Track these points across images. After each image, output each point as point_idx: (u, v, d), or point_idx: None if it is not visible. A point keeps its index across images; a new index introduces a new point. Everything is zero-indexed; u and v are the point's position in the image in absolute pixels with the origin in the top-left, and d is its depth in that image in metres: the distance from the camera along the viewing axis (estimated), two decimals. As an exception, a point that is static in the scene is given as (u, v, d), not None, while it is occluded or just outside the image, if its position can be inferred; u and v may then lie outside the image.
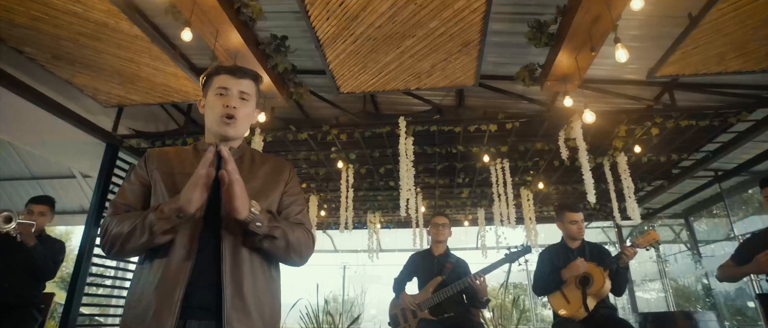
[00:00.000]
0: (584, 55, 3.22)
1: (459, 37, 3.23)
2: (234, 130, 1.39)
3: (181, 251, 1.21)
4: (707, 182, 6.55)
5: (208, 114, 1.43)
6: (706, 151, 5.47)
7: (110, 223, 1.25)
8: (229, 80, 1.41)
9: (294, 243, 1.29)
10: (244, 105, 1.41)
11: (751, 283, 6.19)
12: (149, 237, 1.18)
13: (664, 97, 4.56)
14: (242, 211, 1.18)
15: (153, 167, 1.37)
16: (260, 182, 1.39)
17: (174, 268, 1.18)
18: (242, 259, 1.24)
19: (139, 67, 3.65)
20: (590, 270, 2.90)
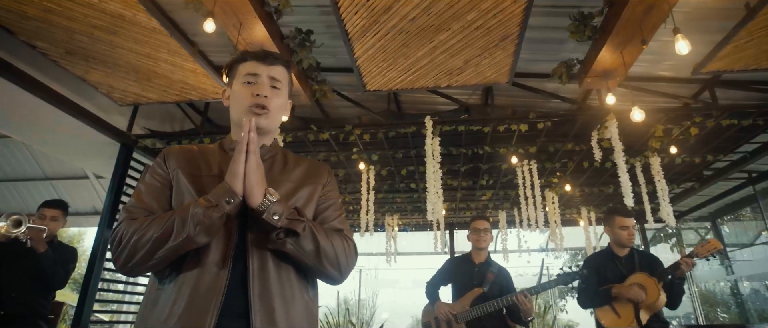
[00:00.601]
0: (631, 48, 3.00)
1: (497, 31, 3.02)
2: (266, 122, 1.19)
3: (213, 268, 1.01)
4: (740, 183, 6.28)
5: (234, 106, 1.23)
6: (743, 152, 5.21)
7: (126, 230, 1.03)
8: (259, 66, 1.22)
9: (327, 250, 1.07)
10: (275, 94, 1.22)
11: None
12: (187, 238, 0.98)
13: (703, 95, 4.33)
14: (255, 194, 1.01)
15: (174, 166, 1.17)
16: (293, 186, 1.18)
17: (204, 290, 0.98)
18: (271, 277, 1.04)
19: (157, 63, 3.48)
20: (643, 281, 2.68)
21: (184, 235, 0.98)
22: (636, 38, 2.84)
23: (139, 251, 1.01)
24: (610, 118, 4.15)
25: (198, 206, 0.99)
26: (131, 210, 1.11)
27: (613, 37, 2.87)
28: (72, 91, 4.03)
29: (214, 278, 1.00)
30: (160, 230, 1.00)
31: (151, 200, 1.13)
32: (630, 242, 2.89)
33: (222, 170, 1.15)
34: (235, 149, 1.03)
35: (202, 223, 0.98)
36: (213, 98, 4.03)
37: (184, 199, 1.11)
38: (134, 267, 1.03)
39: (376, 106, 4.97)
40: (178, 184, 1.14)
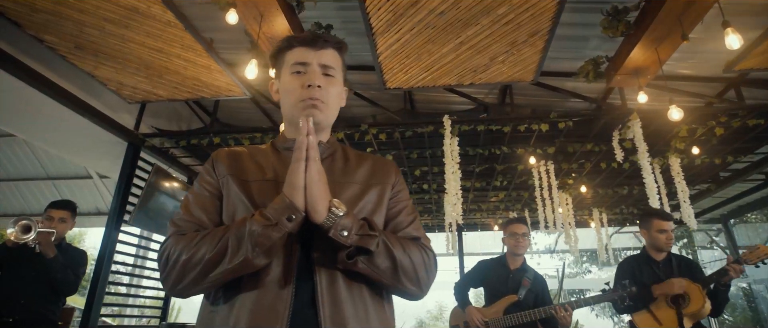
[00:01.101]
0: (667, 44, 2.88)
1: (527, 26, 2.90)
2: (322, 116, 1.04)
3: (273, 287, 0.88)
4: (757, 185, 6.18)
5: (284, 101, 1.09)
6: (764, 153, 5.11)
7: (174, 248, 0.91)
8: (307, 53, 1.06)
9: (405, 265, 0.92)
10: (329, 82, 1.06)
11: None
12: (244, 261, 0.84)
13: (728, 94, 4.22)
14: (319, 209, 0.86)
15: (224, 172, 1.03)
16: (358, 188, 1.04)
17: (266, 312, 0.85)
18: (342, 296, 0.89)
19: (169, 58, 3.35)
20: (687, 287, 2.56)
21: (241, 258, 0.85)
22: (674, 33, 2.73)
23: (190, 273, 0.88)
24: (633, 117, 4.04)
25: (255, 223, 0.85)
26: (179, 224, 0.98)
27: (649, 33, 2.76)
28: (79, 87, 3.89)
29: (275, 299, 0.86)
30: (213, 251, 0.86)
31: (200, 212, 1.00)
32: (668, 246, 2.76)
33: (277, 173, 1.02)
34: (293, 156, 0.89)
35: (260, 244, 0.84)
36: (226, 96, 3.90)
37: (236, 209, 0.97)
38: (185, 290, 0.91)
39: (390, 105, 4.85)
40: (228, 192, 1.00)
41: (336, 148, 1.13)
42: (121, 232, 4.45)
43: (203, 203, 1.01)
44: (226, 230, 0.89)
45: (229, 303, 0.90)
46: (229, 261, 0.86)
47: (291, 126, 1.11)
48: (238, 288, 0.89)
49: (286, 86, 1.07)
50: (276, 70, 1.16)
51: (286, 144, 1.10)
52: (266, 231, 0.84)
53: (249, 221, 0.86)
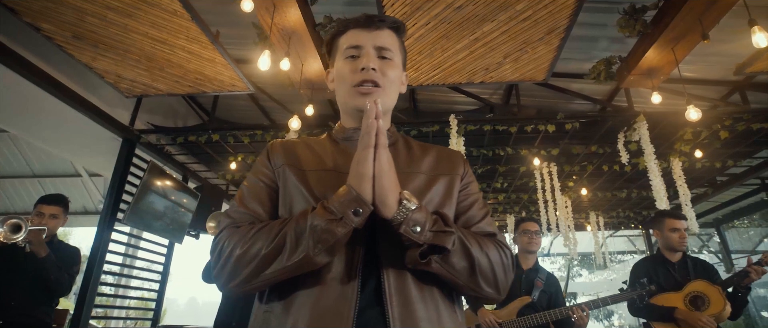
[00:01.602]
0: (684, 44, 2.86)
1: (545, 23, 2.86)
2: (379, 101, 0.93)
3: (336, 286, 0.79)
4: (752, 190, 6.25)
5: (339, 88, 1.00)
6: (763, 158, 5.16)
7: (228, 241, 0.83)
8: (361, 35, 0.98)
9: (483, 265, 0.83)
10: (386, 65, 0.97)
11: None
12: (305, 258, 0.76)
13: (733, 97, 4.25)
14: (389, 201, 0.78)
15: (281, 162, 0.95)
16: (425, 179, 0.94)
17: (328, 314, 0.77)
18: (412, 296, 0.80)
19: (173, 50, 3.23)
20: (705, 290, 2.53)
21: (301, 254, 0.76)
22: (692, 32, 2.71)
23: (243, 269, 0.80)
24: (640, 119, 4.04)
25: (317, 217, 0.76)
26: (234, 216, 0.89)
27: (668, 32, 2.74)
28: (74, 80, 3.73)
29: (339, 299, 0.78)
30: (269, 246, 0.78)
31: (255, 204, 0.91)
32: (682, 245, 2.74)
33: (337, 163, 0.94)
34: (361, 142, 0.80)
35: (323, 240, 0.76)
36: (229, 91, 3.78)
37: (293, 200, 0.89)
38: (239, 287, 0.82)
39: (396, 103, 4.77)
40: (285, 182, 0.92)
41: (397, 137, 1.05)
42: (115, 231, 4.29)
43: (258, 194, 0.93)
44: (285, 223, 0.81)
45: (284, 302, 0.81)
46: (288, 258, 0.77)
47: (347, 116, 1.03)
48: (295, 286, 0.81)
49: (339, 72, 0.99)
50: (330, 57, 1.08)
51: (344, 134, 1.01)
52: (330, 226, 0.75)
53: (310, 214, 0.78)
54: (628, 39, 3.47)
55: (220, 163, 5.44)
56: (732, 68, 3.78)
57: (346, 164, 0.91)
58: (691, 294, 2.58)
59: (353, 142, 0.98)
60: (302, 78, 3.26)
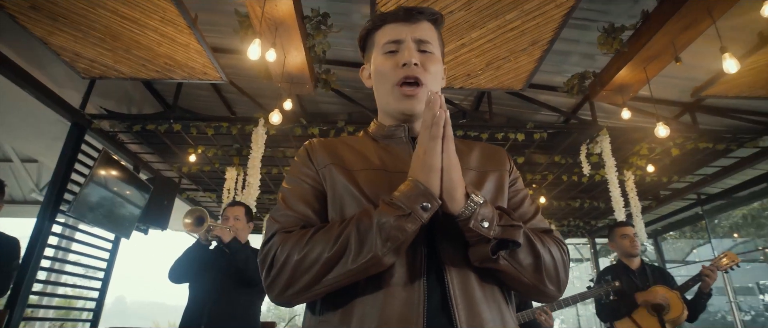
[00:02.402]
0: (656, 64, 3.04)
1: (530, 34, 2.93)
2: (421, 104, 0.89)
3: (399, 291, 0.74)
4: (688, 204, 6.78)
5: (378, 85, 0.96)
6: (702, 175, 5.61)
7: (281, 248, 0.76)
8: (400, 29, 0.93)
9: (547, 261, 0.80)
10: (427, 59, 0.92)
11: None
12: (373, 259, 0.70)
13: (683, 117, 4.58)
14: (457, 195, 0.74)
15: (325, 161, 0.89)
16: (475, 175, 0.90)
17: (395, 319, 0.71)
18: (476, 299, 0.76)
19: (143, 31, 3.00)
20: (666, 294, 2.69)
21: (368, 255, 0.70)
22: (665, 54, 2.89)
23: (302, 276, 0.74)
24: (603, 133, 4.26)
25: (384, 214, 0.71)
26: (282, 220, 0.83)
27: (643, 52, 2.89)
28: (21, 54, 3.38)
29: (404, 305, 0.72)
30: (331, 249, 0.72)
31: (303, 206, 0.85)
32: (634, 249, 2.93)
33: (383, 161, 0.88)
34: (427, 133, 0.75)
35: (393, 238, 0.70)
36: (199, 79, 3.57)
37: (343, 201, 0.83)
38: (296, 296, 0.75)
39: (367, 104, 4.73)
40: (333, 183, 0.86)
41: None
42: (56, 223, 3.92)
43: (304, 195, 0.86)
44: (345, 224, 0.75)
45: (343, 311, 0.75)
46: (353, 260, 0.71)
47: (385, 114, 0.98)
48: (355, 294, 0.75)
49: (378, 69, 0.94)
50: (366, 54, 1.02)
51: (385, 132, 0.95)
52: (399, 223, 0.70)
53: (376, 212, 0.72)
54: (597, 56, 3.66)
55: (178, 154, 5.14)
56: (686, 90, 4.09)
57: (392, 162, 0.88)
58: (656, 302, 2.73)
59: (396, 140, 0.94)
60: (284, 71, 3.14)
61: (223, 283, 2.49)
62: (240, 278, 2.47)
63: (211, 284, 2.47)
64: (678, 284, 2.84)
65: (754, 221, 10.10)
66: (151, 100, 5.08)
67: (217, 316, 2.41)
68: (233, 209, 2.71)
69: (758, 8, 2.28)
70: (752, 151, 4.81)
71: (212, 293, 2.46)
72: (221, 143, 4.90)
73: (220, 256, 2.56)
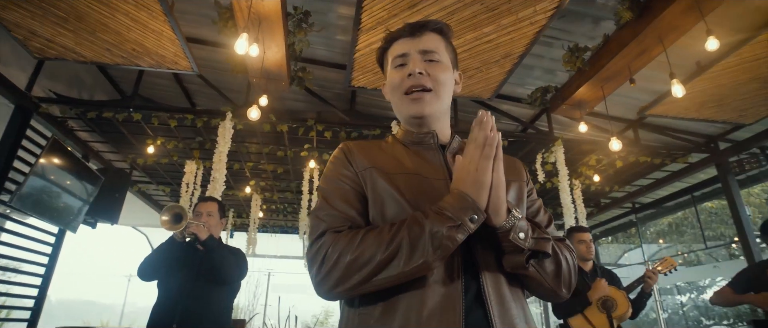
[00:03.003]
0: (611, 84, 3.33)
1: (504, 48, 3.11)
2: (429, 106, 0.97)
3: (439, 288, 0.82)
4: (624, 212, 7.37)
5: (393, 97, 1.03)
6: (639, 185, 6.14)
7: (334, 246, 0.82)
8: (406, 44, 1.01)
9: (564, 268, 0.91)
10: (434, 68, 0.98)
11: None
12: (423, 265, 0.78)
13: (627, 133, 5.00)
14: (501, 211, 0.83)
15: (365, 165, 0.95)
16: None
17: (438, 312, 0.79)
18: (507, 299, 0.86)
19: (113, 14, 2.86)
20: (614, 294, 2.95)
21: (420, 261, 0.77)
22: (621, 76, 3.17)
23: (355, 274, 0.79)
24: (557, 143, 4.56)
25: (436, 223, 0.78)
26: (328, 220, 0.87)
27: (602, 72, 3.16)
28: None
29: (445, 302, 0.80)
30: (383, 252, 0.78)
31: (346, 207, 0.90)
32: (589, 254, 3.19)
33: (417, 167, 0.95)
34: (476, 152, 0.82)
35: (444, 246, 0.77)
36: (168, 68, 3.44)
37: (385, 204, 0.89)
38: (347, 291, 0.81)
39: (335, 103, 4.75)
40: (374, 185, 0.92)
41: (460, 142, 1.05)
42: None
43: (346, 196, 0.91)
44: (396, 229, 0.81)
45: (385, 305, 0.82)
46: (405, 264, 0.78)
47: (407, 123, 1.04)
48: (397, 290, 0.82)
49: (391, 82, 1.02)
50: (384, 71, 1.10)
51: (414, 138, 1.02)
52: (451, 233, 0.77)
53: (427, 221, 0.79)
54: (558, 72, 3.93)
55: (134, 145, 4.89)
56: (632, 108, 4.48)
57: (424, 167, 0.95)
58: (602, 298, 2.99)
59: (425, 145, 1.01)
60: (263, 66, 3.10)
61: (196, 280, 2.43)
62: (214, 276, 2.43)
63: (184, 281, 2.41)
64: (624, 285, 3.13)
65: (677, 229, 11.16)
66: (105, 86, 4.80)
67: (190, 314, 2.36)
68: (206, 204, 2.65)
69: (703, 40, 2.58)
70: (682, 166, 5.35)
71: (184, 290, 2.39)
72: (183, 136, 4.72)
73: (192, 253, 2.50)
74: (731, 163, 4.82)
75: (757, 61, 3.24)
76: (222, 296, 2.51)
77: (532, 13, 2.77)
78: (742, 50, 3.07)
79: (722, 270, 10.23)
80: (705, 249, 10.38)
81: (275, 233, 8.45)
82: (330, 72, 4.17)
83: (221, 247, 2.51)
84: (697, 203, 6.29)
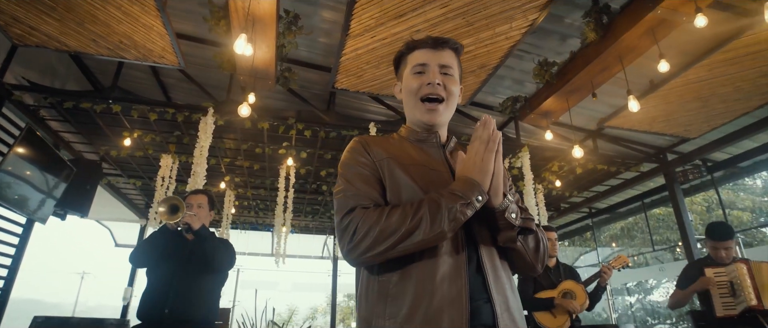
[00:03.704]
0: (575, 97, 3.64)
1: (480, 59, 3.35)
2: (441, 117, 1.17)
3: (447, 258, 1.01)
4: (581, 217, 7.85)
5: (407, 99, 1.20)
6: (595, 192, 6.59)
7: (364, 219, 0.99)
8: (428, 54, 1.17)
9: (541, 246, 1.12)
10: (448, 81, 1.16)
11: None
12: (440, 233, 0.96)
13: (586, 142, 5.39)
14: (499, 193, 1.02)
15: (381, 155, 1.12)
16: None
17: (448, 279, 0.98)
18: (498, 266, 1.06)
19: (105, 6, 2.89)
20: (573, 287, 3.25)
21: (438, 230, 0.96)
22: (584, 89, 3.48)
23: (382, 243, 0.97)
24: (524, 150, 4.87)
25: (451, 201, 0.97)
26: (356, 199, 1.04)
27: (568, 86, 3.46)
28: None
29: (453, 266, 1.00)
30: (408, 223, 0.96)
31: (368, 188, 1.07)
32: (554, 251, 3.49)
33: (423, 160, 1.14)
34: (482, 147, 1.02)
35: (457, 219, 0.97)
36: (154, 62, 3.48)
37: (401, 189, 1.07)
38: (371, 258, 0.98)
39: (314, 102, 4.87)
40: (391, 173, 1.09)
41: (456, 143, 1.27)
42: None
43: (368, 180, 1.08)
44: (417, 206, 0.99)
45: (401, 272, 1.00)
46: (426, 233, 0.96)
47: (412, 123, 1.22)
48: (411, 260, 1.00)
49: (408, 86, 1.19)
50: (398, 72, 1.27)
51: (418, 137, 1.20)
52: (462, 208, 0.97)
53: (443, 199, 0.98)
54: (526, 83, 4.22)
55: (109, 137, 4.83)
56: (592, 119, 4.86)
57: (428, 160, 1.13)
58: (563, 291, 3.28)
59: (429, 144, 1.19)
60: (253, 65, 3.21)
61: (186, 269, 2.52)
62: (205, 265, 2.52)
63: (175, 269, 2.49)
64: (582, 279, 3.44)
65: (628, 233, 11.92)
66: (78, 76, 4.72)
67: (181, 301, 2.44)
68: (197, 196, 2.73)
69: (656, 62, 2.90)
70: (634, 174, 5.80)
71: (175, 277, 2.48)
72: (161, 129, 4.72)
73: (183, 242, 2.59)
74: (677, 172, 5.29)
75: (700, 83, 3.64)
76: (211, 284, 2.61)
77: (508, 29, 3.02)
78: (688, 73, 3.45)
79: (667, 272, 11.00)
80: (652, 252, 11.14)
81: (245, 230, 8.43)
82: (310, 73, 4.30)
83: (212, 237, 2.60)
84: (647, 209, 6.81)
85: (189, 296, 2.47)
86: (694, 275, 3.23)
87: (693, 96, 3.87)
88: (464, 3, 2.79)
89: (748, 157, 5.03)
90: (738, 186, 12.86)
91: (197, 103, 4.25)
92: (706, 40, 3.11)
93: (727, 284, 2.86)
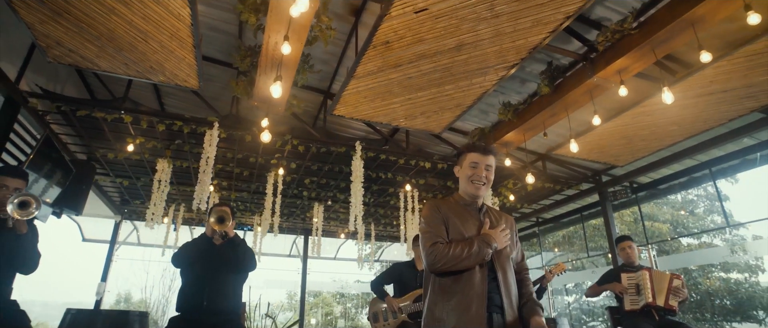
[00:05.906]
0: (531, 132, 4.47)
1: (457, 100, 4.09)
2: (482, 192, 1.98)
3: (478, 274, 1.79)
4: (529, 225, 8.87)
5: (463, 179, 2.01)
6: (542, 204, 7.58)
7: (442, 251, 1.77)
8: (479, 157, 1.98)
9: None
10: (489, 173, 1.99)
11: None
12: (474, 261, 1.76)
13: (537, 164, 6.30)
14: (502, 244, 1.87)
15: (448, 214, 1.92)
16: (508, 232, 1.94)
17: (477, 285, 1.77)
18: (509, 280, 1.86)
19: (146, 40, 3.35)
20: (525, 289, 4.07)
21: (479, 259, 1.77)
22: (538, 128, 4.31)
23: (450, 262, 1.77)
24: (485, 169, 5.68)
25: (482, 246, 1.77)
26: (434, 238, 1.83)
27: (526, 124, 4.27)
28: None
29: (480, 280, 1.79)
30: (463, 255, 1.76)
31: (441, 230, 1.86)
32: None
33: (466, 218, 1.92)
34: (501, 235, 1.85)
35: (486, 254, 1.80)
36: (177, 84, 3.93)
37: (454, 234, 1.86)
38: (444, 269, 1.77)
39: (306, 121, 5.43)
40: (449, 224, 1.89)
41: (487, 208, 2.04)
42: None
43: (439, 229, 1.87)
44: (466, 245, 1.77)
45: (452, 279, 1.79)
46: (470, 261, 1.76)
47: (464, 193, 2.01)
48: (458, 274, 1.79)
49: (464, 174, 2.00)
50: (459, 161, 2.06)
51: (465, 202, 2.00)
52: (486, 250, 1.79)
53: (477, 243, 1.78)
54: (491, 113, 5.02)
55: (110, 141, 5.16)
56: (542, 145, 5.76)
57: (470, 220, 1.93)
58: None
59: (470, 208, 1.98)
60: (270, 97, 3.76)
61: (219, 268, 3.06)
62: (235, 266, 3.08)
63: (210, 268, 3.03)
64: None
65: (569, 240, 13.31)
66: (76, 82, 5.00)
67: (215, 295, 2.99)
68: (222, 208, 3.27)
69: (592, 114, 3.77)
70: (575, 191, 6.81)
71: (210, 276, 3.01)
72: (162, 137, 5.11)
73: (212, 246, 3.12)
74: (609, 192, 6.33)
75: (625, 126, 4.59)
76: (238, 281, 3.17)
77: (483, 79, 3.77)
78: (616, 120, 4.38)
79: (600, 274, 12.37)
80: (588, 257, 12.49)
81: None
82: (304, 93, 4.87)
83: (244, 243, 3.16)
84: (585, 220, 7.90)
85: (222, 291, 3.02)
86: (612, 277, 4.15)
87: (620, 135, 4.82)
88: (450, 60, 3.51)
89: (664, 182, 6.13)
90: (660, 202, 14.65)
91: (194, 111, 4.70)
92: (629, 98, 4.02)
93: (634, 286, 3.78)
